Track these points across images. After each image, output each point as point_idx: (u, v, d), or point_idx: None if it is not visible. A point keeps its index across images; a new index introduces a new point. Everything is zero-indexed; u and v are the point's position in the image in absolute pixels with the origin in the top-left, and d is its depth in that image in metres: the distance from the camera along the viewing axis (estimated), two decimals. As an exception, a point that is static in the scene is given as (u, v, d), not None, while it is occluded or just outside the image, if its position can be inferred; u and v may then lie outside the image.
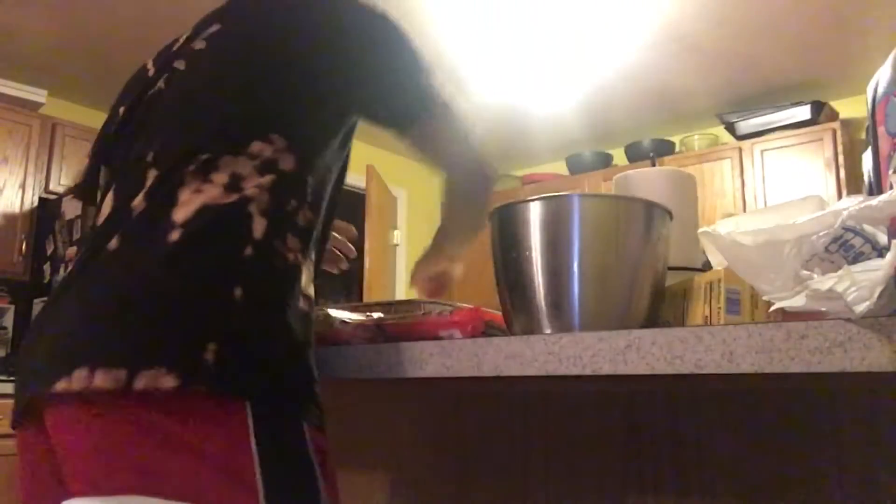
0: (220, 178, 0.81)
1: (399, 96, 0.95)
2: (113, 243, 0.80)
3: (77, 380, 0.71)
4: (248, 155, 0.83)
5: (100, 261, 0.80)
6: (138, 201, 0.82)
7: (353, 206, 4.54)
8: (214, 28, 0.93)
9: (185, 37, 0.97)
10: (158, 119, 0.90)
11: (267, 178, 0.83)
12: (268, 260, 0.81)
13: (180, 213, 0.79)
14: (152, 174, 0.83)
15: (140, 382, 0.70)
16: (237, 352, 0.75)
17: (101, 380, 0.70)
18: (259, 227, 0.81)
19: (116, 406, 0.72)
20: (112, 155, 0.96)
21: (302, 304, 0.83)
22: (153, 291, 0.76)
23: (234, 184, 0.81)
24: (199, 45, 0.92)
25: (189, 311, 0.75)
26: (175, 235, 0.77)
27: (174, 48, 0.97)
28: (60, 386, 0.72)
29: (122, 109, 0.98)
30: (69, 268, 0.88)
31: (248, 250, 0.79)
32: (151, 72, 0.97)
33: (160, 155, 0.85)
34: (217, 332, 0.74)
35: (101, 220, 0.87)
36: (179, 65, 0.92)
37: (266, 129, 0.85)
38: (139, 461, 0.71)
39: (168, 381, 0.70)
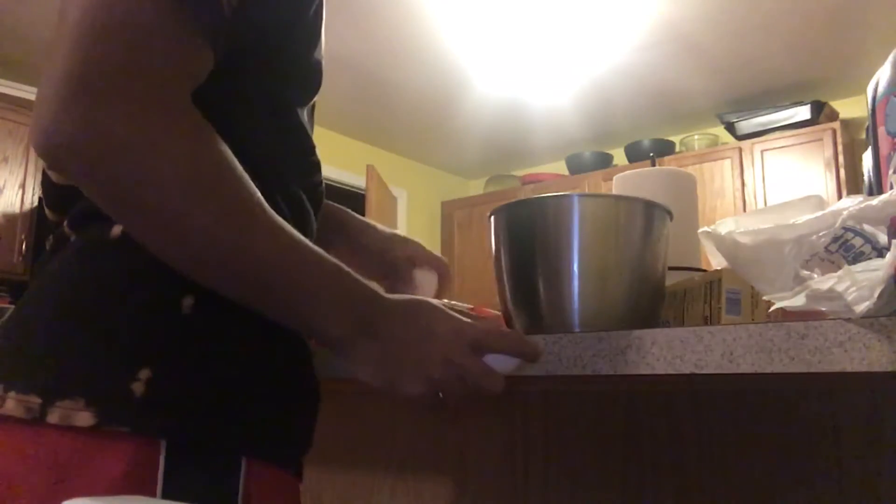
0: None
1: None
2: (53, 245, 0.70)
3: None
4: None
5: (42, 263, 0.70)
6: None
7: (353, 207, 4.52)
8: None
9: None
10: None
11: None
12: None
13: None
14: None
15: (54, 416, 0.59)
16: (172, 380, 0.62)
17: (13, 407, 0.60)
18: None
19: (24, 431, 0.61)
20: None
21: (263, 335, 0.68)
22: (84, 299, 0.64)
23: None
24: None
25: (124, 327, 0.62)
26: (117, 230, 0.64)
27: None
28: None
29: None
30: None
31: None
32: None
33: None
34: (153, 355, 0.62)
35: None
36: None
37: None
38: (31, 495, 0.60)
39: (83, 419, 0.59)
